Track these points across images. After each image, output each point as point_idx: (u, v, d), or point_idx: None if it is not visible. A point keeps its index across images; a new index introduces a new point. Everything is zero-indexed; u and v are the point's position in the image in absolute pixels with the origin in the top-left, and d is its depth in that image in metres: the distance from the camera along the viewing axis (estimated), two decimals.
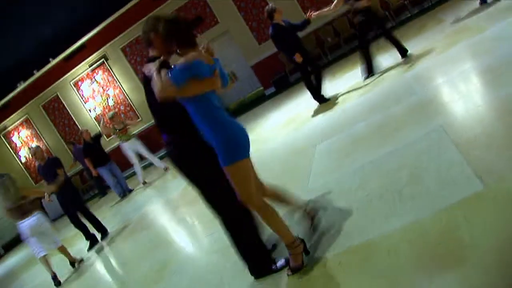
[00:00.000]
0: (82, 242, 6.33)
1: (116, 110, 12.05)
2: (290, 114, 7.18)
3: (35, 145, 11.60)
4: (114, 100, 12.34)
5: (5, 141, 13.49)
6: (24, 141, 13.36)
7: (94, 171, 8.45)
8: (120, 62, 11.97)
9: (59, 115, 12.88)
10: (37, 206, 5.34)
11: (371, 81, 5.86)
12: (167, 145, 2.46)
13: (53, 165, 6.10)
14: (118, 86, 12.21)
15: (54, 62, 12.31)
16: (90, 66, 12.11)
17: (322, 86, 6.34)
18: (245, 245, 2.52)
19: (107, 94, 12.35)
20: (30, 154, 12.71)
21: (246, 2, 10.90)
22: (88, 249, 6.02)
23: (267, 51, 10.82)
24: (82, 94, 12.51)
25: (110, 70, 12.09)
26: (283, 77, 10.89)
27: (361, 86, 5.91)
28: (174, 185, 6.86)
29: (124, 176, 9.58)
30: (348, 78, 7.02)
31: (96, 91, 12.41)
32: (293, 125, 6.21)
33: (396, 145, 3.32)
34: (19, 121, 13.19)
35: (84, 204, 6.62)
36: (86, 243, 6.15)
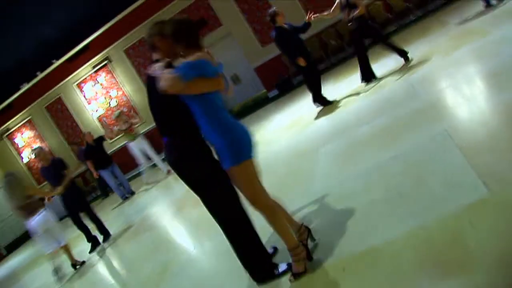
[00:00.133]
0: (84, 243, 6.32)
1: (122, 109, 12.03)
2: (293, 116, 7.17)
3: (38, 146, 11.62)
4: (117, 101, 12.36)
5: (8, 142, 13.53)
6: (27, 142, 13.39)
7: (95, 173, 8.47)
8: (123, 64, 12.00)
9: (62, 117, 12.91)
10: (42, 204, 5.38)
11: (374, 84, 5.83)
12: (167, 147, 2.44)
13: (59, 166, 6.01)
14: (121, 88, 12.24)
15: (57, 63, 12.35)
16: (93, 67, 12.15)
17: (322, 89, 6.32)
18: (245, 249, 2.50)
19: (110, 95, 12.37)
20: (34, 155, 12.69)
21: (249, 4, 10.90)
22: (89, 251, 6.02)
23: (270, 54, 10.79)
24: (85, 96, 12.55)
25: (113, 72, 12.13)
26: (286, 79, 10.88)
27: (364, 89, 5.89)
28: (176, 187, 6.85)
29: (126, 178, 9.59)
30: (351, 81, 6.99)
31: (99, 93, 12.44)
32: (296, 127, 6.19)
33: (400, 149, 3.29)
34: (22, 122, 13.22)
35: (89, 204, 6.60)
36: (88, 245, 6.15)
